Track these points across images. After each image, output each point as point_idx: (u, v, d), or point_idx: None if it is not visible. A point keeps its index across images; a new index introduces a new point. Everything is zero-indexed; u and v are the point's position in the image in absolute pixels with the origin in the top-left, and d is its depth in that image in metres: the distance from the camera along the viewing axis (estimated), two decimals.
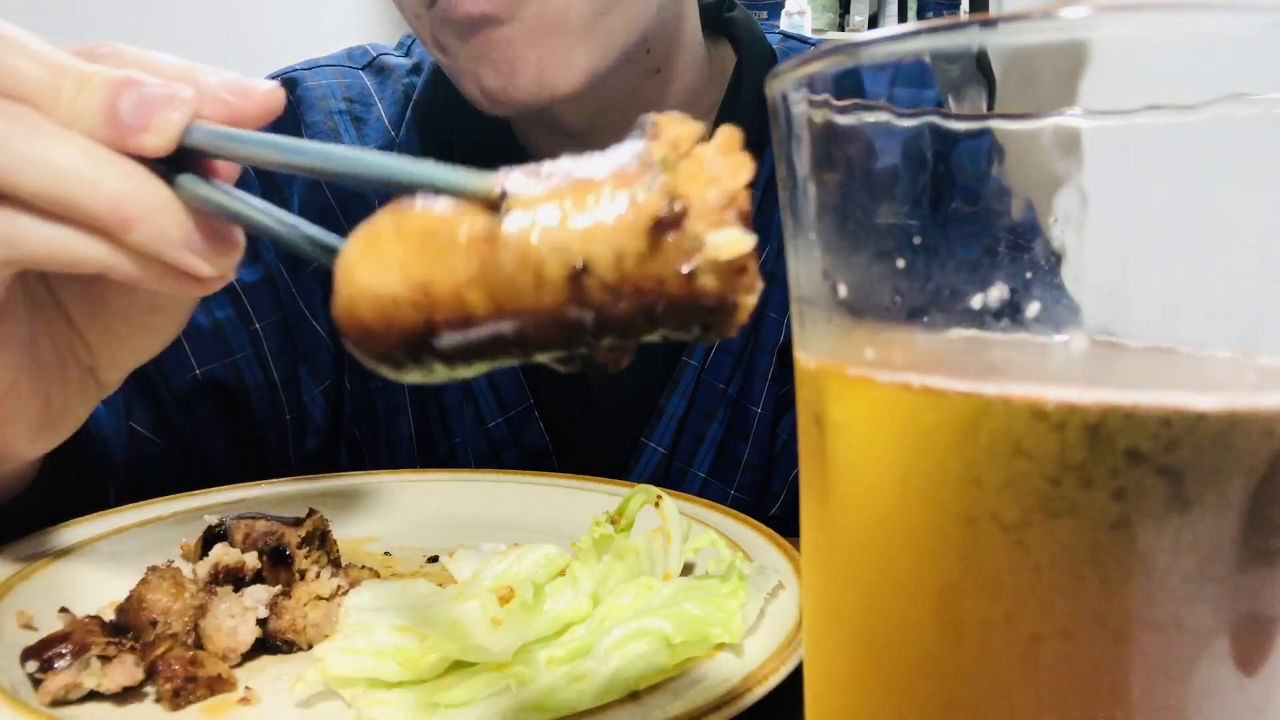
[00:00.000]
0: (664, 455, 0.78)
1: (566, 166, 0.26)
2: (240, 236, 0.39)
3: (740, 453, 0.80)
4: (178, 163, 0.36)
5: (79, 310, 0.45)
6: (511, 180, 0.26)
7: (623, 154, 0.26)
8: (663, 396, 0.78)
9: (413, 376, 0.28)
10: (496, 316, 0.25)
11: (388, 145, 0.80)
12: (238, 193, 0.36)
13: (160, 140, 0.35)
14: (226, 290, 0.77)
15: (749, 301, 0.25)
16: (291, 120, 0.80)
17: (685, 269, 0.24)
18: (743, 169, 0.25)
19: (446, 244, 0.25)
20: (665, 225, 0.24)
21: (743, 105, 0.78)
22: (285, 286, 0.81)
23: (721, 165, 0.25)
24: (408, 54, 0.86)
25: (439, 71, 0.81)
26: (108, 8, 2.85)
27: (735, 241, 0.24)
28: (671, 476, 0.79)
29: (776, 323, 0.78)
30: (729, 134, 0.26)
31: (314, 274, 0.80)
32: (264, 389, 0.79)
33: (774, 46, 0.82)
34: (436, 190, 0.27)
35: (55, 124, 0.35)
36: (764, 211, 0.79)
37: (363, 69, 0.84)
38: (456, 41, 0.64)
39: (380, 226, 0.27)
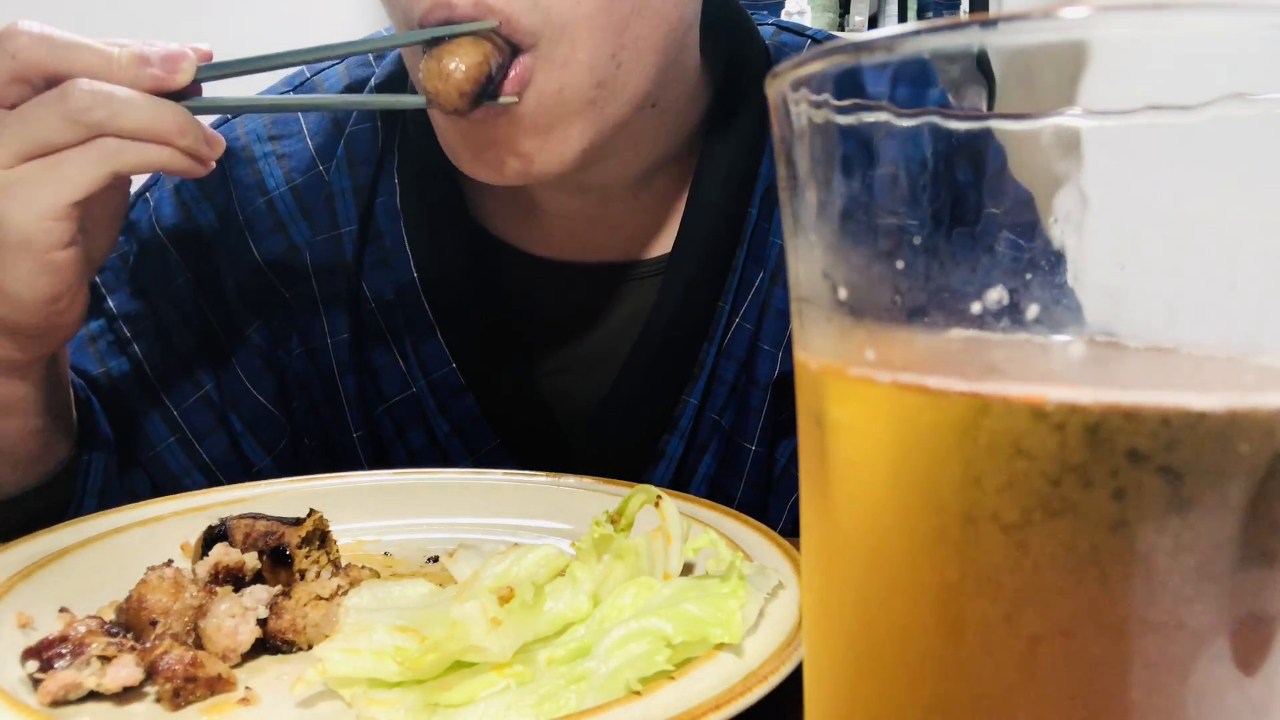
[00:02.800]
0: None
1: None
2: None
3: (734, 490, 0.74)
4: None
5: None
6: None
7: None
8: (663, 438, 0.72)
9: None
10: None
11: (314, 180, 0.75)
12: (223, 97, 0.59)
13: (185, 79, 0.55)
14: (142, 384, 0.74)
15: None
16: (219, 178, 0.75)
17: None
18: None
19: None
20: None
21: (738, 113, 0.72)
22: (221, 356, 0.76)
23: None
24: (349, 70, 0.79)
25: (384, 138, 0.75)
26: (108, 7, 2.85)
27: None
28: None
29: (771, 356, 0.72)
30: None
31: (252, 348, 0.76)
32: (198, 473, 0.76)
33: (767, 41, 0.76)
34: None
35: (125, 88, 0.53)
36: (759, 229, 0.72)
37: (293, 91, 0.79)
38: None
39: None
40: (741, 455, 0.73)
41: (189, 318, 0.75)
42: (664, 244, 0.74)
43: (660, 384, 0.72)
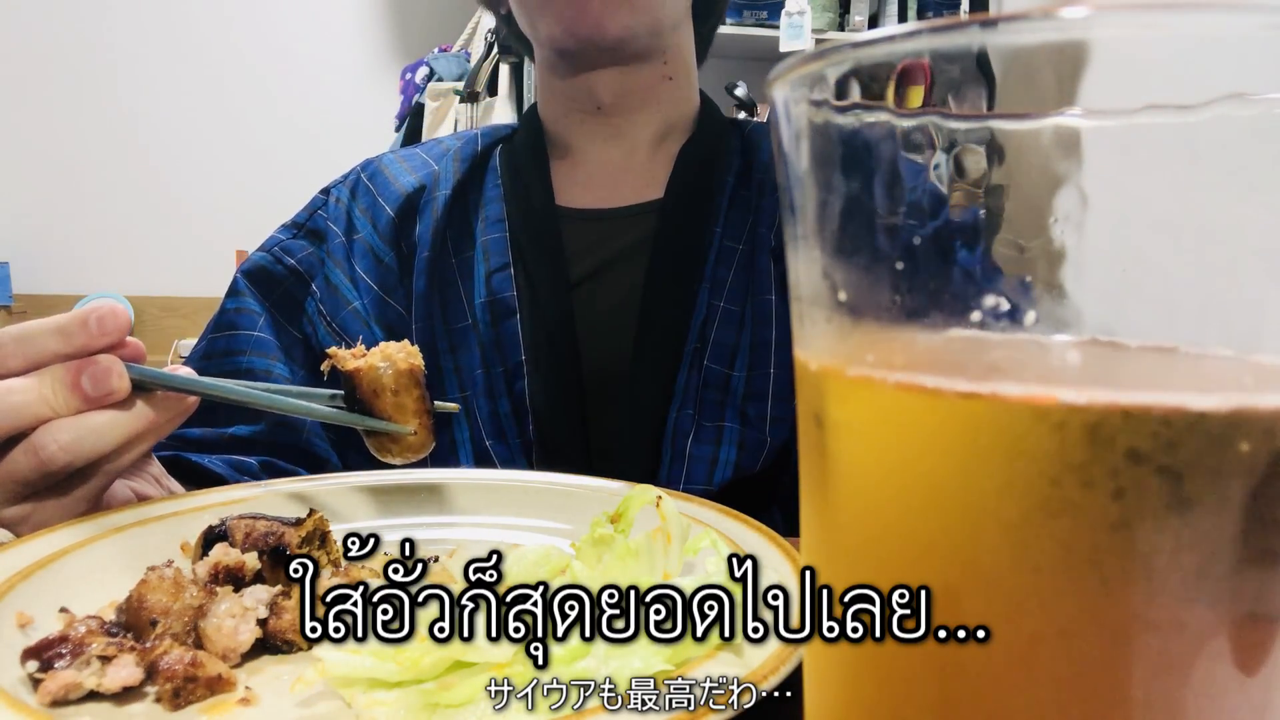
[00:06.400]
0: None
1: None
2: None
3: (769, 353, 0.90)
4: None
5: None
6: None
7: None
8: (685, 321, 0.91)
9: None
10: None
11: (429, 175, 1.01)
12: (163, 375, 0.59)
13: (121, 395, 0.56)
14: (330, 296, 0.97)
15: None
16: (365, 190, 1.02)
17: None
18: None
19: None
20: None
21: (705, 131, 1.01)
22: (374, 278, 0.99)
23: None
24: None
25: (483, 150, 1.03)
26: (115, 10, 2.85)
27: None
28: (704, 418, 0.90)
29: (767, 237, 0.93)
30: None
31: (389, 270, 0.98)
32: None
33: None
34: None
35: (72, 419, 0.55)
36: (736, 205, 0.95)
37: (431, 157, 1.07)
38: None
39: None
40: (765, 309, 0.92)
41: (362, 257, 1.00)
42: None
43: (673, 288, 0.93)
